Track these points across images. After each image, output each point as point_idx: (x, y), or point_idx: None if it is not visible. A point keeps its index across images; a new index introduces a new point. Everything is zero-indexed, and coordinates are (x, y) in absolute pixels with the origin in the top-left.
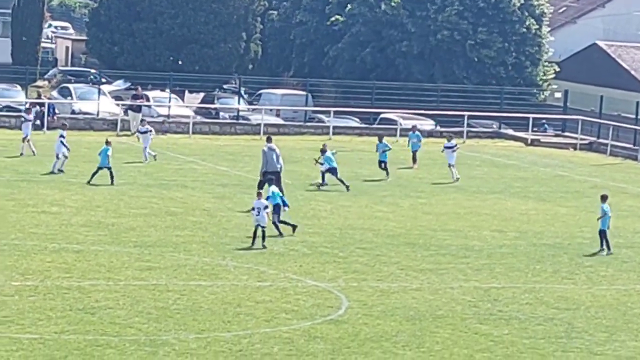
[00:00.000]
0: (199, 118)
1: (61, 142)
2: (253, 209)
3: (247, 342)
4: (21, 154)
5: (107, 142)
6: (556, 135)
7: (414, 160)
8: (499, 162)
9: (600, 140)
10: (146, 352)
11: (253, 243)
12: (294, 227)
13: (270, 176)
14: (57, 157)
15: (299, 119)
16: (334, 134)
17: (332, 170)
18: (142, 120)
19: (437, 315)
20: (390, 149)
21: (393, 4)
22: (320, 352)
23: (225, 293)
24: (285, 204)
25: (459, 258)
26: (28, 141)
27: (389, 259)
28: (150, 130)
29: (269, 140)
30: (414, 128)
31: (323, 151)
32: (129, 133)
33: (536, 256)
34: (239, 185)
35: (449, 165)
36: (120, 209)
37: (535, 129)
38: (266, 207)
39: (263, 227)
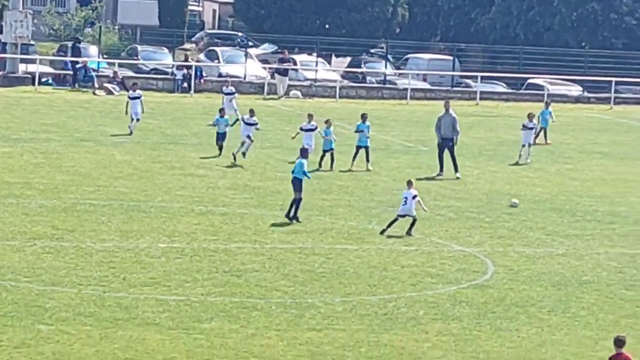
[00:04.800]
0: (345, 82)
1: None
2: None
3: (393, 305)
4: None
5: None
6: None
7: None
8: None
9: None
10: (292, 314)
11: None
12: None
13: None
14: (132, 119)
15: (445, 83)
16: (480, 99)
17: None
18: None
19: (583, 281)
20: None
21: None
22: (466, 317)
23: (371, 257)
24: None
25: (605, 224)
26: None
27: (535, 224)
28: (234, 93)
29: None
30: (546, 104)
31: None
32: (275, 97)
33: None
34: (385, 149)
35: (526, 145)
36: (267, 172)
37: None
38: (415, 196)
39: (412, 216)
